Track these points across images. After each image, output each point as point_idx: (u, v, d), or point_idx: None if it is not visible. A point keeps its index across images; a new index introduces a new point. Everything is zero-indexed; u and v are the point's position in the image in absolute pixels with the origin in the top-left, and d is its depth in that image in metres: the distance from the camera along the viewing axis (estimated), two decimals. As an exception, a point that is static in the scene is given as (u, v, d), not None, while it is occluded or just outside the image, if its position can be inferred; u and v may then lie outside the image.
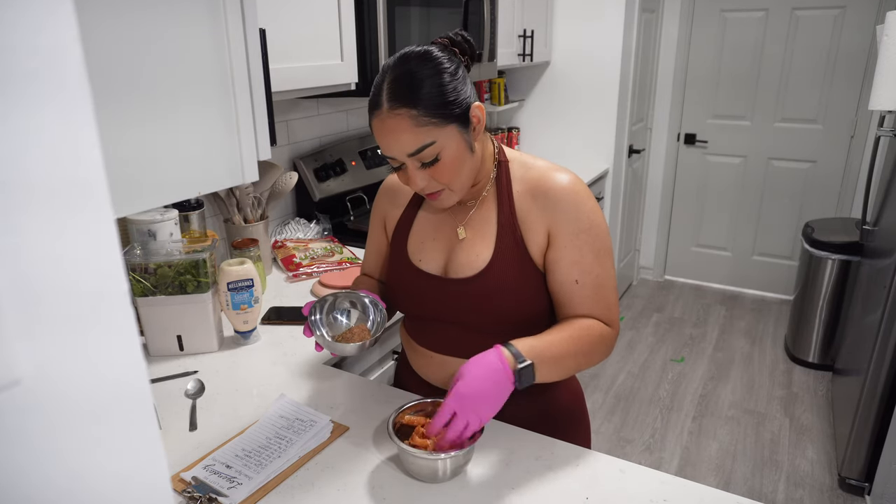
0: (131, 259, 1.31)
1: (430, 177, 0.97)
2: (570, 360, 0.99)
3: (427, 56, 0.94)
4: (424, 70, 0.93)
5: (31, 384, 0.31)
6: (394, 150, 0.95)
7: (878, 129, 2.38)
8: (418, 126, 0.92)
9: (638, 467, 1.00)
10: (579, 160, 3.35)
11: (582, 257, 1.01)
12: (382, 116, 0.93)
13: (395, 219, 1.17)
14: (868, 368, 2.11)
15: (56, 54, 0.31)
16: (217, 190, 1.10)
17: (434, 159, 0.95)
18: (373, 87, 0.96)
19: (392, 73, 0.93)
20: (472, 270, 1.05)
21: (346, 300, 1.15)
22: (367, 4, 1.74)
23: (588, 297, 1.03)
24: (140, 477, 0.38)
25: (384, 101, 0.93)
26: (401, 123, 0.92)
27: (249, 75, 0.82)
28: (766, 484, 2.36)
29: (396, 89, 0.92)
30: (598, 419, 2.75)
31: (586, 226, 1.01)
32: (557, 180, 1.03)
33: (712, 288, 4.07)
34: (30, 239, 0.31)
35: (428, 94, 0.92)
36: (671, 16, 3.67)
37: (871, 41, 3.26)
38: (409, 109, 0.91)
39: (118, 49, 0.67)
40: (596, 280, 1.02)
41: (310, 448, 1.03)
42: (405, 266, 1.11)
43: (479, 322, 1.06)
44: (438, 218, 1.11)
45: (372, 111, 0.95)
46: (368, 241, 1.26)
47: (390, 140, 0.94)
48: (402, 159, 0.96)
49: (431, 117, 0.92)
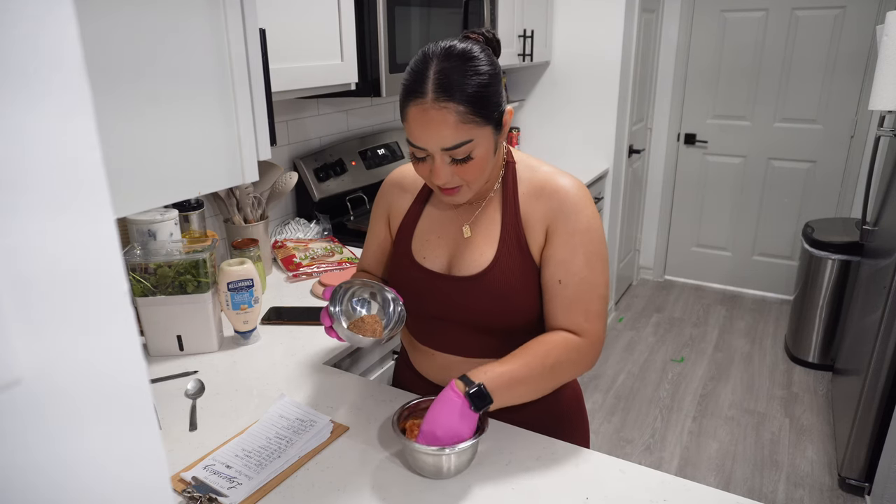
0: (131, 259, 1.31)
1: (455, 173, 0.97)
2: (537, 380, 0.98)
3: (474, 53, 0.93)
4: (476, 67, 0.92)
5: (31, 384, 0.31)
6: (430, 141, 0.93)
7: (878, 129, 2.38)
8: (462, 122, 0.91)
9: (638, 467, 0.99)
10: (579, 160, 3.35)
11: (572, 258, 1.01)
12: (425, 106, 0.91)
13: (400, 213, 1.16)
14: (868, 368, 2.11)
15: (56, 55, 0.31)
16: (217, 190, 1.10)
17: (466, 157, 0.95)
18: (411, 74, 0.93)
19: (439, 63, 0.91)
20: (476, 269, 1.05)
21: (367, 290, 1.12)
22: (367, 4, 1.74)
23: (567, 300, 1.01)
24: (140, 477, 0.38)
25: (429, 91, 0.90)
26: (446, 117, 0.91)
27: (249, 75, 0.82)
28: (766, 484, 2.36)
29: (445, 82, 0.90)
30: (598, 419, 2.75)
31: (583, 227, 1.02)
32: (562, 182, 1.04)
33: (712, 288, 4.07)
34: (30, 239, 0.31)
35: (477, 92, 0.91)
36: (671, 16, 3.67)
37: (871, 41, 3.26)
38: (456, 105, 0.90)
39: (118, 50, 0.67)
40: (580, 283, 1.01)
41: (310, 448, 1.03)
42: (409, 263, 1.11)
43: (481, 321, 1.06)
44: (444, 216, 1.11)
45: (411, 98, 0.93)
46: (369, 237, 1.25)
47: (430, 131, 0.92)
48: (435, 152, 0.94)
49: (476, 116, 0.92)
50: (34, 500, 0.33)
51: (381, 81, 1.82)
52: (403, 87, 0.95)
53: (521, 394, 0.98)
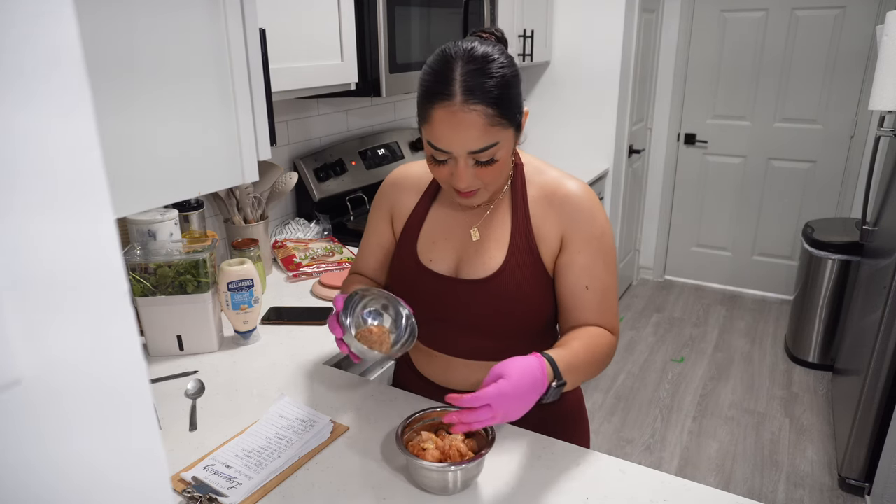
0: (131, 259, 1.31)
1: (476, 175, 0.96)
2: (587, 371, 0.98)
3: (496, 55, 0.92)
4: (500, 69, 0.91)
5: (31, 384, 0.31)
6: (456, 144, 0.91)
7: (878, 129, 2.38)
8: (490, 125, 0.90)
9: (638, 467, 1.00)
10: (579, 160, 3.35)
11: (594, 263, 1.02)
12: (454, 108, 0.89)
13: (404, 214, 1.14)
14: (868, 368, 2.11)
15: (56, 55, 0.31)
16: (217, 190, 1.10)
17: (490, 160, 0.94)
18: (434, 75, 0.91)
19: (465, 65, 0.89)
20: (485, 273, 1.04)
21: (380, 301, 1.07)
22: (367, 4, 1.74)
23: (596, 304, 1.03)
24: (140, 477, 0.38)
25: (457, 93, 0.89)
26: (476, 120, 0.89)
27: (249, 75, 0.82)
28: (766, 484, 2.36)
29: (473, 84, 0.89)
30: (598, 419, 2.75)
31: (599, 233, 1.03)
32: (574, 188, 1.04)
33: (712, 288, 4.07)
34: (30, 239, 0.31)
35: (503, 94, 0.91)
36: (671, 16, 3.67)
37: (871, 41, 3.26)
38: (485, 107, 0.89)
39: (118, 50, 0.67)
40: (604, 287, 1.03)
41: (310, 448, 1.03)
42: (414, 265, 1.10)
43: (487, 324, 1.06)
44: (451, 217, 1.10)
45: (437, 99, 0.90)
46: (367, 237, 1.22)
47: (458, 134, 0.90)
48: (460, 155, 0.93)
49: (502, 118, 0.91)
50: (34, 500, 0.33)
51: (381, 81, 1.82)
52: (425, 89, 0.92)
53: (571, 386, 0.95)
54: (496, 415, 0.84)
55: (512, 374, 0.86)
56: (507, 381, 0.85)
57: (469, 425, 0.85)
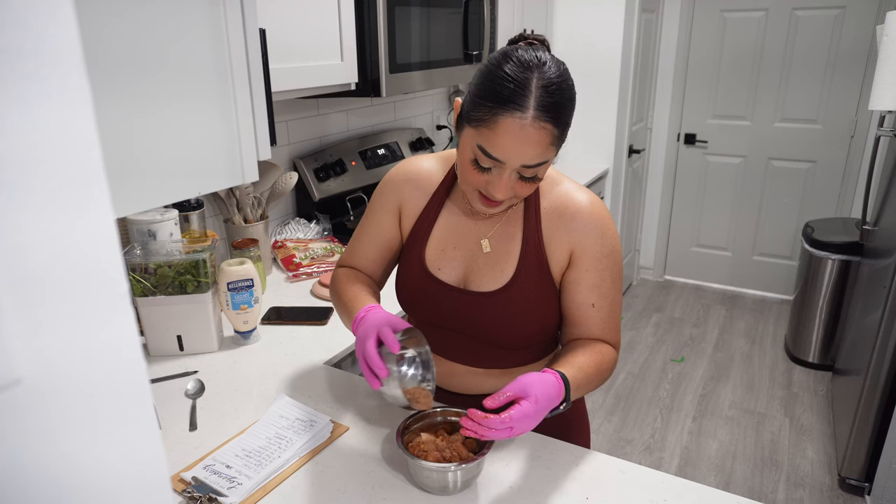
0: (131, 259, 1.31)
1: (513, 188, 0.94)
2: (588, 389, 1.00)
3: (566, 73, 0.90)
4: (570, 90, 0.90)
5: (32, 384, 0.31)
6: (516, 156, 0.88)
7: (878, 129, 2.38)
8: (552, 144, 0.89)
9: (638, 467, 1.00)
10: (579, 160, 3.35)
11: (602, 281, 1.02)
12: (524, 122, 0.86)
13: (413, 213, 1.10)
14: (868, 368, 2.11)
15: (56, 55, 0.31)
16: (217, 190, 1.10)
17: (534, 176, 0.93)
18: (510, 82, 0.85)
19: (541, 78, 0.86)
20: (494, 286, 1.04)
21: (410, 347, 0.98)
22: (367, 4, 1.74)
23: (602, 321, 1.03)
24: (140, 477, 0.38)
25: (531, 107, 0.85)
26: (542, 138, 0.87)
27: (249, 75, 0.82)
28: (766, 484, 2.36)
29: (549, 102, 0.86)
30: (598, 419, 2.75)
31: (609, 251, 1.02)
32: (586, 203, 1.03)
33: (712, 288, 4.07)
34: (30, 239, 0.31)
35: (570, 117, 0.91)
36: (671, 16, 3.67)
37: (871, 41, 3.26)
38: (553, 127, 0.88)
39: (118, 50, 0.67)
40: (610, 305, 1.04)
41: (310, 448, 1.03)
42: (421, 272, 1.07)
43: (492, 335, 1.05)
44: (461, 224, 1.07)
45: (508, 108, 0.86)
46: (367, 230, 1.14)
47: (520, 147, 0.87)
48: (513, 167, 0.90)
49: (561, 139, 0.91)
50: (34, 499, 0.33)
51: (381, 81, 1.82)
52: (496, 94, 0.86)
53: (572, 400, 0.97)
54: (514, 433, 0.87)
55: (536, 396, 0.87)
56: (530, 404, 0.87)
57: (484, 437, 0.87)
